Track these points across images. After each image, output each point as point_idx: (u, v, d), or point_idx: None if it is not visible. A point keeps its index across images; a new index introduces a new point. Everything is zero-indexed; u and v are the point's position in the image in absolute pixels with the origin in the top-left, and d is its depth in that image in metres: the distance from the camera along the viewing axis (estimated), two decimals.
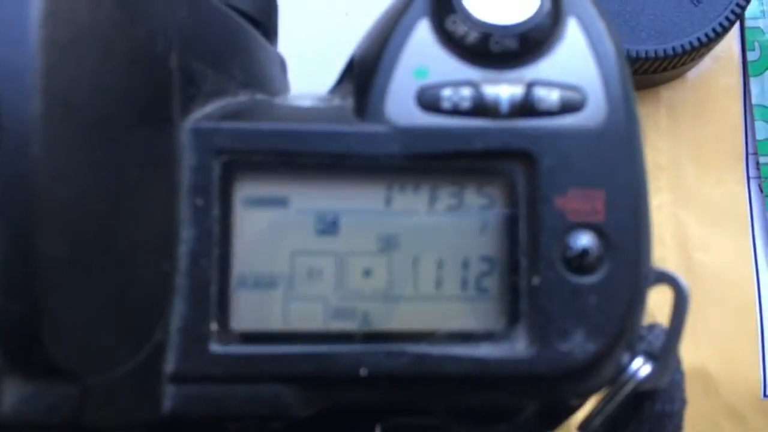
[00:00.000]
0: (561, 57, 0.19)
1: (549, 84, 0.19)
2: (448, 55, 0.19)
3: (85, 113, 0.16)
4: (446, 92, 0.19)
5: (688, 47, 0.34)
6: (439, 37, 0.19)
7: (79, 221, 0.15)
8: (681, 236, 0.37)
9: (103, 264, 0.16)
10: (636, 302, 0.18)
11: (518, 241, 0.18)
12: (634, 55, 0.34)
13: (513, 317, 0.18)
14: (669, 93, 0.38)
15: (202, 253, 0.18)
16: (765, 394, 0.36)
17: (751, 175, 0.37)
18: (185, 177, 0.18)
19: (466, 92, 0.19)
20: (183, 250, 0.18)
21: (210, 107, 0.19)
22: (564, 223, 0.18)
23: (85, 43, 0.16)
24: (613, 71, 0.19)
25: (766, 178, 0.37)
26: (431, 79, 0.19)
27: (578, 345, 0.18)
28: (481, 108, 0.18)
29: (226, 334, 0.18)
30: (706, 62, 0.38)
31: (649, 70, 0.35)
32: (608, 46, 0.19)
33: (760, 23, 0.38)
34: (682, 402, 0.21)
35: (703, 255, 0.37)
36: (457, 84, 0.19)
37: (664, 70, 0.36)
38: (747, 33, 0.38)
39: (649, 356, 0.20)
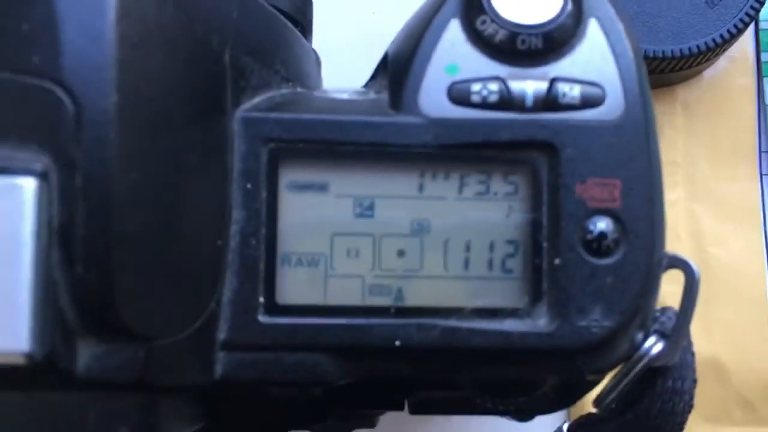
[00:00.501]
0: (582, 55, 0.20)
1: (571, 80, 0.20)
2: (477, 52, 0.20)
3: (153, 105, 0.17)
4: (475, 87, 0.20)
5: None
6: (469, 35, 0.20)
7: (148, 201, 0.17)
8: (695, 231, 0.37)
9: (167, 239, 0.17)
10: (650, 283, 0.20)
11: (541, 225, 0.20)
12: (651, 54, 0.34)
13: (535, 295, 0.20)
14: (685, 92, 0.38)
15: (250, 232, 0.19)
16: None
17: (764, 172, 0.38)
18: (236, 163, 0.19)
19: (494, 87, 0.20)
20: (234, 230, 0.19)
21: (258, 99, 0.20)
22: (583, 209, 0.19)
23: (153, 41, 0.17)
24: (631, 69, 0.20)
25: None
26: (461, 74, 0.20)
27: (596, 321, 0.19)
28: (508, 102, 0.20)
29: (272, 306, 0.19)
30: (722, 62, 0.38)
31: (666, 69, 0.36)
32: (626, 45, 0.20)
33: None
34: (693, 381, 0.22)
35: (716, 249, 0.37)
36: (485, 79, 0.20)
37: (681, 69, 0.36)
38: (761, 34, 0.38)
39: (662, 335, 0.21)
